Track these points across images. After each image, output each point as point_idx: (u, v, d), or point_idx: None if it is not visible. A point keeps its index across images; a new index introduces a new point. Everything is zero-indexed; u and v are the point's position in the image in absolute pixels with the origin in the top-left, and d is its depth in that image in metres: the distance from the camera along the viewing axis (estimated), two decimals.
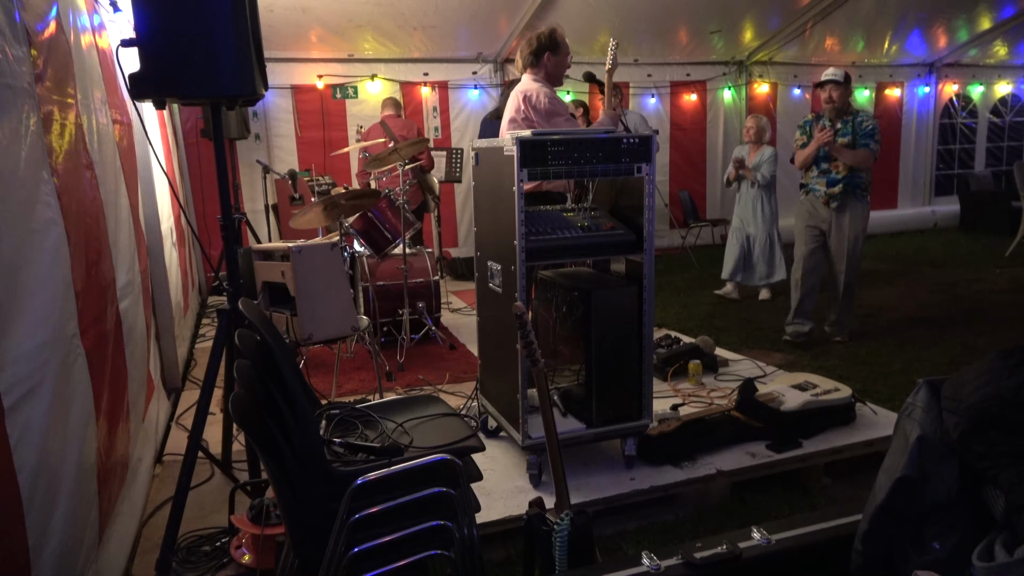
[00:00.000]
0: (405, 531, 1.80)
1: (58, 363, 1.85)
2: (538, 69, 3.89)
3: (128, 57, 2.38)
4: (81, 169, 2.29)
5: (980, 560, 1.43)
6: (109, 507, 2.28)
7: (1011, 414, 1.44)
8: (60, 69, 2.20)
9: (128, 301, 2.70)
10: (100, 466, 2.14)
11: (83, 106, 2.41)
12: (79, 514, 1.93)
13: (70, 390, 1.93)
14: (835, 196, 4.76)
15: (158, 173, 4.06)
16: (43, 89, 2.00)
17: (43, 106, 1.97)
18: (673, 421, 3.16)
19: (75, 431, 1.94)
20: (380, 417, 2.34)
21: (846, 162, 4.66)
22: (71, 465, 1.89)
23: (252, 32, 2.41)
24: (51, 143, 2.00)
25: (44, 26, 2.11)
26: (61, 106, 2.15)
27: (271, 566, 2.32)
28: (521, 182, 2.70)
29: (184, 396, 4.13)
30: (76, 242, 2.06)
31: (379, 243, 4.86)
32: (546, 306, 3.25)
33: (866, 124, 4.69)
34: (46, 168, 1.91)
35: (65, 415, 1.88)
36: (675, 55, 8.40)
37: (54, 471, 1.78)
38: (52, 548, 1.73)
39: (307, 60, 7.27)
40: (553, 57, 3.87)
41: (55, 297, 1.89)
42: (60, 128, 2.12)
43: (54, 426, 1.78)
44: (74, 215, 2.09)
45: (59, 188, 1.98)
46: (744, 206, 6.34)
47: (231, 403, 1.65)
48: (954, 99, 10.20)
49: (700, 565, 1.70)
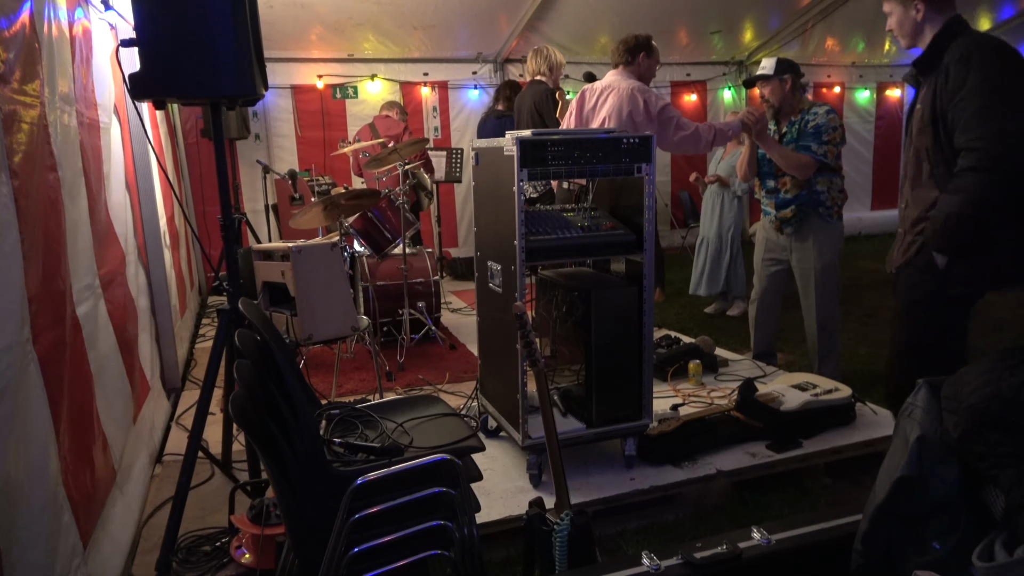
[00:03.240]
0: (405, 531, 1.80)
1: (15, 371, 1.81)
2: (632, 68, 4.01)
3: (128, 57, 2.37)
4: (43, 171, 2.22)
5: (980, 560, 1.43)
6: (92, 511, 2.26)
7: (1011, 414, 1.44)
8: (27, 67, 2.11)
9: (87, 305, 2.62)
10: (67, 473, 2.11)
11: (50, 105, 2.33)
12: (47, 520, 1.90)
13: (25, 398, 1.88)
14: (788, 220, 3.81)
15: (157, 173, 4.06)
16: (7, 89, 1.94)
17: (5, 106, 1.91)
18: (673, 421, 3.16)
19: (35, 439, 1.91)
20: (380, 417, 2.34)
21: (781, 167, 3.75)
22: (32, 473, 1.86)
23: (252, 32, 2.41)
24: (11, 144, 1.94)
25: (11, 23, 2.05)
26: (24, 105, 2.08)
27: (271, 566, 2.32)
28: (521, 182, 2.70)
29: (184, 396, 4.12)
30: (31, 245, 2.00)
31: (379, 243, 4.86)
32: (546, 306, 3.25)
33: (813, 122, 3.70)
34: (5, 170, 1.86)
35: (24, 423, 1.84)
36: (675, 55, 8.40)
37: (16, 478, 1.75)
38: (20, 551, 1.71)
39: (307, 60, 7.27)
40: (647, 59, 4.03)
41: (11, 302, 1.84)
42: (23, 128, 2.05)
43: (14, 434, 1.76)
44: (31, 218, 2.02)
45: (17, 190, 1.91)
46: (704, 205, 5.87)
47: (231, 403, 1.64)
48: None
49: (700, 565, 1.70)
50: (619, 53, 4.06)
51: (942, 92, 2.48)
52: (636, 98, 3.88)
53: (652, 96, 3.90)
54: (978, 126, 2.35)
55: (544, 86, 5.11)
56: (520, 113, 5.34)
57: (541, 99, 5.09)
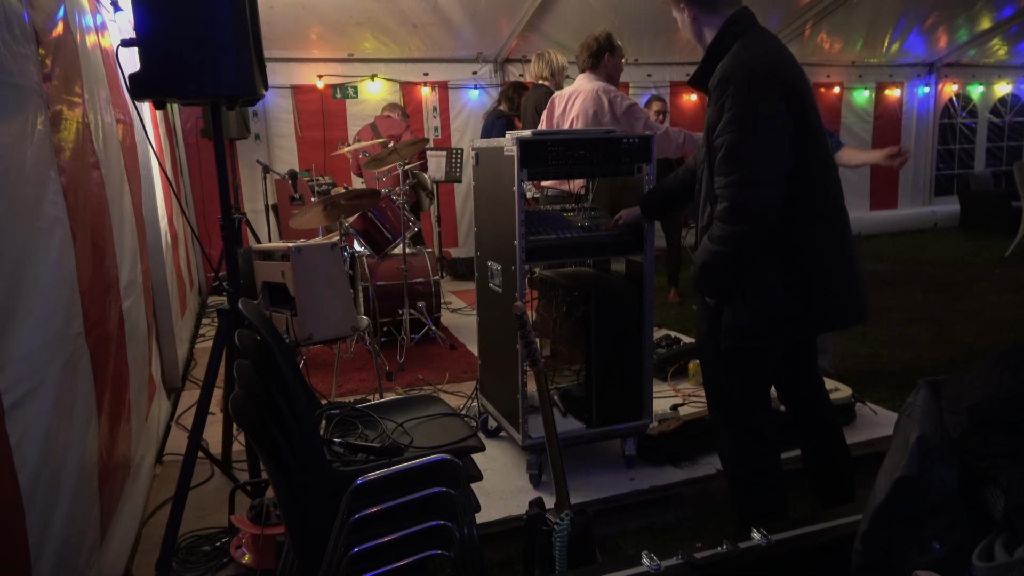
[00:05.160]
0: (405, 531, 1.80)
1: (62, 363, 1.85)
2: (599, 71, 3.96)
3: (128, 57, 2.38)
4: (88, 168, 2.30)
5: (980, 560, 1.43)
6: (111, 507, 2.29)
7: (1011, 414, 1.44)
8: (68, 68, 2.20)
9: (131, 300, 2.70)
10: (102, 466, 2.14)
11: (89, 105, 2.42)
12: (81, 514, 1.93)
13: (74, 390, 1.92)
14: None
15: (157, 173, 4.06)
16: (51, 88, 2.00)
17: (51, 105, 1.97)
18: (673, 421, 3.16)
19: (78, 431, 1.94)
20: (380, 417, 2.34)
21: None
22: (73, 465, 1.89)
23: (252, 32, 2.40)
24: (58, 142, 2.00)
25: (52, 26, 2.12)
26: (69, 105, 2.15)
27: (271, 566, 2.32)
28: (521, 182, 2.70)
29: (184, 396, 4.13)
30: (81, 241, 2.06)
31: (379, 243, 4.86)
32: (546, 306, 3.25)
33: None
34: (53, 167, 1.91)
35: (68, 415, 1.88)
36: (675, 55, 8.39)
37: (56, 471, 1.77)
38: (53, 548, 1.73)
39: (307, 60, 7.26)
40: (612, 58, 3.98)
41: (60, 296, 1.89)
42: (67, 127, 2.12)
43: (56, 426, 1.78)
44: (80, 214, 2.08)
45: (65, 186, 1.98)
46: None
47: (231, 403, 1.64)
48: (954, 99, 10.20)
49: (700, 565, 1.70)
50: (583, 58, 3.99)
51: (710, 115, 2.16)
52: (600, 99, 3.86)
53: (617, 96, 3.85)
54: (727, 171, 2.06)
55: (546, 89, 5.12)
56: (524, 117, 5.35)
57: (543, 103, 5.09)
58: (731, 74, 2.07)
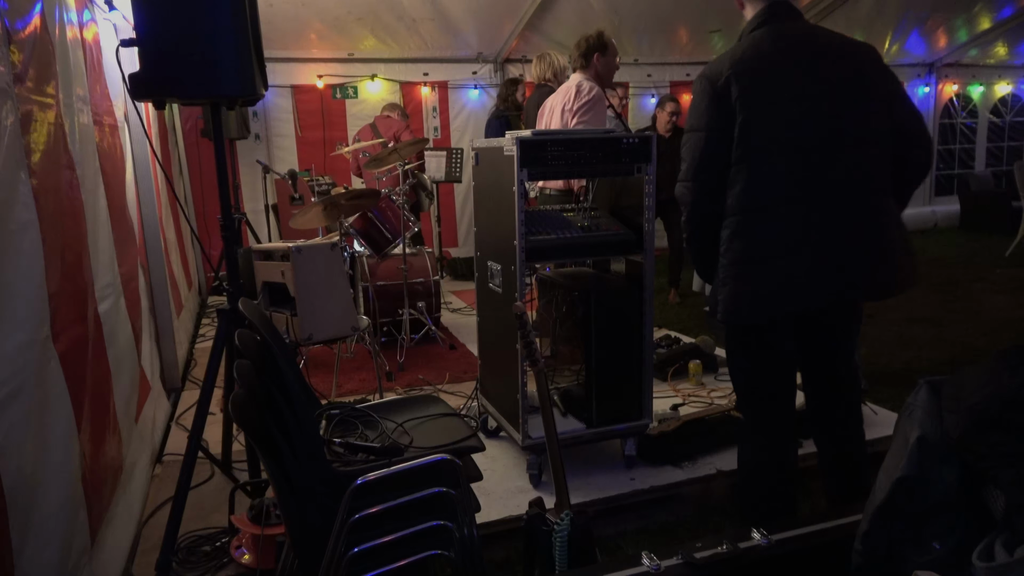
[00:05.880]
0: (405, 531, 1.80)
1: (34, 367, 1.82)
2: (588, 70, 3.96)
3: (128, 57, 2.37)
4: (61, 170, 2.24)
5: (980, 560, 1.43)
6: (101, 510, 2.26)
7: (1011, 414, 1.44)
8: (41, 68, 2.14)
9: (109, 302, 2.63)
10: (86, 470, 2.11)
11: (65, 106, 2.35)
12: (65, 518, 1.91)
13: (44, 394, 1.89)
14: None
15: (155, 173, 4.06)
16: (23, 89, 1.95)
17: (22, 106, 1.92)
18: (673, 421, 3.16)
19: (56, 435, 1.91)
20: (380, 417, 2.34)
21: None
22: (53, 469, 1.86)
23: (252, 32, 2.40)
24: (30, 143, 1.95)
25: (25, 24, 2.06)
26: (41, 106, 2.10)
27: (271, 566, 2.32)
28: (521, 182, 2.70)
29: (184, 396, 4.12)
30: (51, 244, 2.01)
31: (379, 243, 4.86)
32: (546, 306, 3.25)
33: None
34: (24, 169, 1.87)
35: (43, 419, 1.85)
36: (675, 55, 8.39)
37: (35, 475, 1.75)
38: (35, 550, 1.71)
39: (307, 60, 7.26)
40: (602, 58, 3.97)
41: (31, 300, 1.86)
42: (40, 128, 2.07)
43: (34, 430, 1.76)
44: (50, 216, 2.04)
45: (36, 189, 1.93)
46: None
47: (231, 403, 1.64)
48: (954, 99, 10.20)
49: (700, 565, 1.70)
50: (575, 58, 4.01)
51: None
52: (570, 92, 3.88)
53: (584, 91, 3.81)
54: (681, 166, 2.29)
55: (549, 89, 5.13)
56: (527, 118, 5.37)
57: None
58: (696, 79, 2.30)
